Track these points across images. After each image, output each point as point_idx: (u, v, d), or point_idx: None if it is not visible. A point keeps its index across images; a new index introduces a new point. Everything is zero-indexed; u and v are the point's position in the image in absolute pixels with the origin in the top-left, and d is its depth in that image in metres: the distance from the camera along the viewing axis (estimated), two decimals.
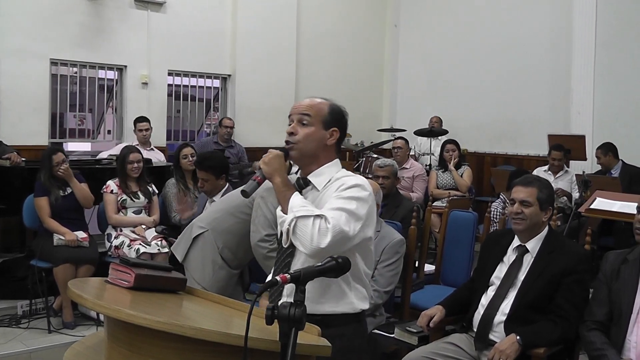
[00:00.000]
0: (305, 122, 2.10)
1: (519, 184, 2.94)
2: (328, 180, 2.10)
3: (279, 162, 2.06)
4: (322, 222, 1.91)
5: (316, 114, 2.11)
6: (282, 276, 1.58)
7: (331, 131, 2.12)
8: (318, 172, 2.12)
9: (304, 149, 2.09)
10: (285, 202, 2.00)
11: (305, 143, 2.09)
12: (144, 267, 2.03)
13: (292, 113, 2.14)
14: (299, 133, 2.09)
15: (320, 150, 2.11)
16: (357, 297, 2.10)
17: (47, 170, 4.73)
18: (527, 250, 2.91)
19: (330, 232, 1.90)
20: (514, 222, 2.91)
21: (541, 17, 7.73)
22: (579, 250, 2.90)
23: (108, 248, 4.90)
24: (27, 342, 4.30)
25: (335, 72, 8.89)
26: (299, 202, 1.98)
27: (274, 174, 2.04)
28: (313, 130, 2.09)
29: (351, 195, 2.00)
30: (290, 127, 2.11)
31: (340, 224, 1.92)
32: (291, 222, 1.94)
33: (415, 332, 3.09)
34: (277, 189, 2.04)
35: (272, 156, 2.06)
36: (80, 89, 7.03)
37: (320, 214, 1.93)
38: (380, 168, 4.70)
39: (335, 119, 2.14)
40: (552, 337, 2.72)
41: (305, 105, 2.13)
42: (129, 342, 1.70)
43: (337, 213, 1.94)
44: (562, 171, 6.27)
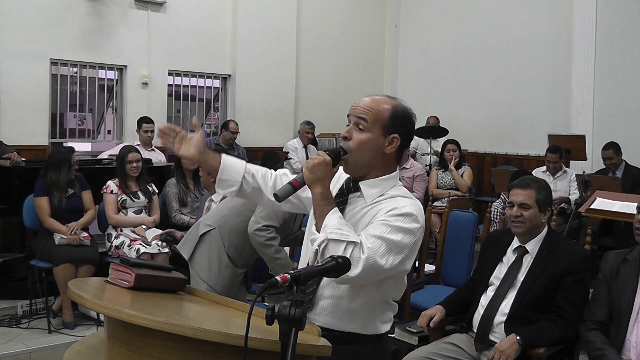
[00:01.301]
0: (362, 127, 1.86)
1: (516, 187, 2.92)
2: (380, 194, 1.89)
3: (324, 170, 1.82)
4: (356, 250, 1.74)
5: (375, 117, 1.86)
6: (282, 276, 1.57)
7: (391, 138, 1.88)
8: (372, 183, 1.90)
9: (358, 159, 1.87)
10: (321, 217, 1.80)
11: (359, 152, 1.86)
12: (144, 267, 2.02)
13: (351, 113, 1.91)
14: (354, 138, 1.86)
15: (377, 159, 1.89)
16: (382, 321, 1.99)
17: (66, 171, 4.73)
18: (527, 251, 2.91)
19: (361, 263, 1.73)
20: (513, 225, 2.91)
21: (541, 17, 7.74)
22: (578, 250, 2.90)
23: (108, 248, 4.90)
24: (27, 342, 4.30)
25: (335, 72, 8.90)
26: (335, 223, 1.77)
27: (315, 183, 1.82)
28: (369, 137, 1.86)
29: (400, 225, 1.80)
30: (346, 130, 1.89)
31: (375, 255, 1.75)
32: (322, 244, 1.76)
33: (415, 332, 3.09)
34: (316, 201, 1.82)
35: (318, 162, 1.82)
36: (80, 89, 7.03)
37: (356, 242, 1.75)
38: None
39: (397, 123, 1.89)
40: (552, 337, 2.72)
41: (364, 106, 1.88)
42: (129, 342, 1.70)
43: (377, 242, 1.76)
44: (561, 171, 6.26)
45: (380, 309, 1.96)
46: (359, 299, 1.91)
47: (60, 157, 4.78)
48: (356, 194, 1.92)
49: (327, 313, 1.94)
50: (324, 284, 1.94)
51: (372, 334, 1.97)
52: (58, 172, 4.71)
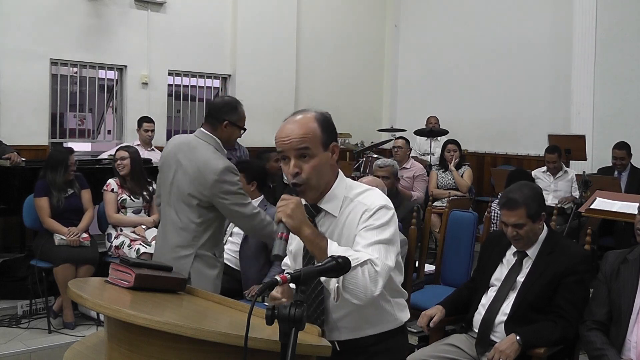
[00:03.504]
0: (307, 155, 1.86)
1: (504, 208, 2.87)
2: (342, 202, 1.93)
3: (301, 211, 1.82)
4: (370, 267, 1.77)
5: (313, 140, 1.86)
6: (282, 276, 1.57)
7: (332, 147, 1.92)
8: (329, 197, 1.94)
9: (317, 184, 1.89)
10: (322, 253, 1.78)
11: (316, 177, 1.88)
12: (144, 267, 2.03)
13: (285, 149, 1.87)
14: (305, 170, 1.86)
15: (329, 173, 1.93)
16: (399, 309, 2.04)
17: (63, 171, 4.73)
18: (527, 255, 2.91)
19: (380, 276, 1.78)
20: (513, 242, 2.92)
21: (541, 17, 7.74)
22: (579, 251, 2.90)
23: (108, 248, 4.90)
24: (27, 342, 4.30)
25: (335, 72, 8.90)
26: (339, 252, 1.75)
27: (301, 227, 1.80)
28: (318, 160, 1.87)
29: (381, 222, 1.86)
30: (292, 166, 1.86)
31: (385, 261, 1.81)
32: (339, 280, 1.75)
33: (415, 332, 3.10)
34: (309, 242, 1.81)
35: (294, 207, 1.80)
36: (80, 89, 7.03)
37: (366, 260, 1.77)
38: (380, 168, 4.70)
39: (329, 132, 1.92)
40: (552, 337, 2.72)
41: (297, 136, 1.85)
42: (129, 342, 1.70)
43: (377, 249, 1.82)
44: (562, 171, 6.26)
45: (392, 298, 2.01)
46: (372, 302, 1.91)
47: (59, 158, 4.78)
48: (321, 215, 1.96)
49: (349, 330, 1.98)
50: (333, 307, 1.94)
51: (396, 327, 2.04)
52: (55, 173, 4.72)
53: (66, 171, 4.75)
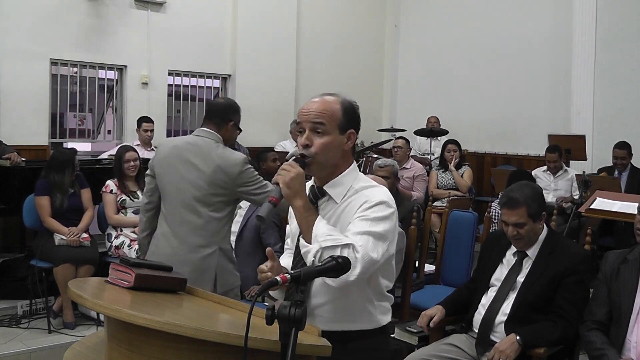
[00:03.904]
0: (320, 131, 1.89)
1: (505, 207, 2.88)
2: (347, 190, 1.94)
3: (300, 182, 1.85)
4: (351, 252, 1.78)
5: (330, 119, 1.91)
6: (282, 276, 1.57)
7: (348, 134, 1.95)
8: (335, 182, 1.95)
9: (324, 161, 1.91)
10: (308, 228, 1.83)
11: (324, 154, 1.90)
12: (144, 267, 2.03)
13: (303, 120, 1.92)
14: (315, 144, 1.89)
15: (339, 157, 1.94)
16: (381, 312, 2.03)
17: (70, 172, 4.74)
18: (527, 255, 2.91)
19: (359, 263, 1.78)
20: (513, 242, 2.92)
21: (541, 17, 7.74)
22: (579, 251, 2.90)
23: (108, 248, 4.90)
24: (27, 342, 4.30)
25: (335, 72, 8.88)
26: (325, 230, 1.81)
27: (295, 197, 1.84)
28: (330, 138, 1.90)
29: (377, 215, 1.86)
30: (304, 137, 1.90)
31: (368, 251, 1.80)
32: (317, 254, 1.79)
33: (415, 332, 3.09)
34: (299, 214, 1.86)
35: (294, 176, 1.83)
36: (80, 89, 7.03)
37: (348, 243, 1.79)
38: (380, 168, 4.70)
39: (350, 118, 1.95)
40: (552, 337, 2.72)
41: (316, 110, 1.91)
42: (129, 342, 1.70)
43: (364, 238, 1.82)
44: (562, 171, 6.26)
45: (376, 301, 2.00)
46: (352, 297, 1.92)
47: (64, 159, 4.79)
48: (324, 199, 1.97)
49: (325, 320, 1.95)
50: (315, 292, 1.96)
51: (375, 327, 2.01)
52: (62, 174, 4.71)
53: (72, 172, 4.76)
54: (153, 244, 3.26)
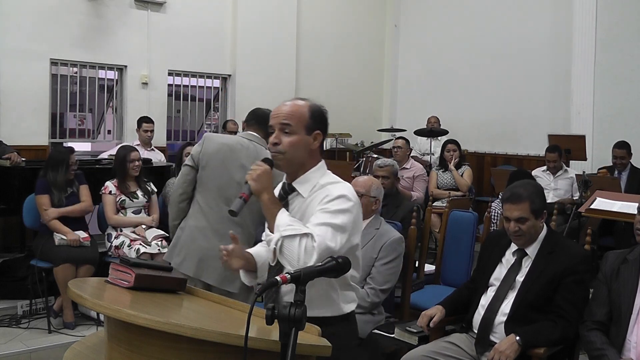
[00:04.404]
0: (288, 131, 2.07)
1: (508, 202, 2.87)
2: (313, 186, 2.10)
3: (267, 178, 2.03)
4: (309, 240, 1.93)
5: (298, 120, 2.09)
6: (282, 276, 1.58)
7: (314, 134, 2.12)
8: (303, 179, 2.12)
9: (291, 158, 2.08)
10: (272, 219, 2.00)
11: (291, 152, 2.07)
12: (144, 267, 2.03)
13: (273, 122, 2.10)
14: (283, 142, 2.07)
15: (306, 156, 2.11)
16: (345, 301, 2.16)
17: (64, 171, 4.74)
18: (527, 253, 2.91)
19: (316, 251, 1.92)
20: (514, 238, 2.91)
21: (541, 17, 7.73)
22: (579, 250, 2.90)
23: (108, 248, 4.90)
24: (27, 342, 4.30)
25: (336, 72, 8.89)
26: (286, 221, 1.98)
27: (262, 191, 2.03)
28: (297, 138, 2.08)
29: (336, 208, 2.01)
30: (273, 136, 2.09)
31: (326, 241, 1.94)
32: (278, 242, 1.94)
33: (415, 332, 3.09)
34: (265, 207, 2.03)
35: (261, 172, 2.03)
36: (80, 89, 7.03)
37: (307, 233, 1.94)
38: (380, 168, 4.70)
39: (317, 121, 2.13)
40: (552, 337, 2.72)
41: (285, 112, 2.10)
42: (129, 342, 1.70)
43: (323, 229, 1.96)
44: (562, 171, 6.26)
45: (340, 289, 2.13)
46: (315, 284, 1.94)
47: (59, 158, 4.79)
48: (294, 194, 2.14)
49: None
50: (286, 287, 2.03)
51: (338, 314, 2.14)
52: (56, 172, 4.72)
53: (67, 171, 4.76)
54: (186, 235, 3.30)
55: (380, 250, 3.36)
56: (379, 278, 3.32)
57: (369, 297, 3.29)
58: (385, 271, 3.34)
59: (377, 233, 3.42)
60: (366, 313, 3.30)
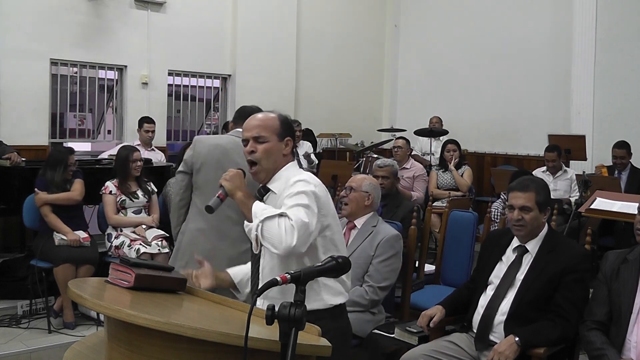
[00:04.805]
0: (262, 140, 2.23)
1: (515, 190, 2.89)
2: (285, 183, 2.21)
3: (239, 179, 2.20)
4: (286, 220, 2.02)
5: (270, 129, 2.25)
6: (282, 276, 1.58)
7: (286, 141, 2.27)
8: (275, 178, 2.26)
9: (267, 164, 2.24)
10: (248, 211, 2.11)
11: (267, 158, 2.23)
12: (144, 267, 2.03)
13: (246, 135, 2.26)
14: (259, 150, 2.23)
15: (280, 160, 2.27)
16: (329, 293, 2.19)
17: (62, 171, 4.74)
18: (527, 250, 2.90)
19: (295, 230, 2.01)
20: (515, 228, 2.90)
21: (541, 17, 7.74)
22: (579, 250, 2.90)
23: (108, 248, 4.90)
24: (27, 342, 4.30)
25: (336, 72, 8.90)
26: (261, 207, 2.10)
27: (235, 190, 2.17)
28: (271, 144, 2.24)
29: (298, 190, 2.12)
30: (249, 146, 2.24)
31: (300, 217, 2.03)
32: (258, 227, 2.04)
33: (415, 332, 3.09)
34: (240, 203, 2.16)
35: (233, 174, 2.20)
36: (80, 89, 7.03)
37: (282, 212, 2.05)
38: (380, 168, 4.70)
39: (286, 128, 2.29)
40: (552, 337, 2.72)
41: (256, 124, 2.26)
42: (129, 342, 1.70)
43: (294, 209, 2.06)
44: (561, 171, 6.25)
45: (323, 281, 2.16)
46: None
47: (58, 158, 4.80)
48: (268, 194, 2.27)
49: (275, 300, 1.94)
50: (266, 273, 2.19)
51: (321, 308, 2.16)
52: (54, 172, 4.73)
53: (65, 170, 4.76)
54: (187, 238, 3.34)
55: (377, 248, 3.35)
56: (376, 276, 3.32)
57: (367, 294, 3.29)
58: (382, 269, 3.34)
59: (374, 231, 3.42)
60: (366, 311, 3.30)
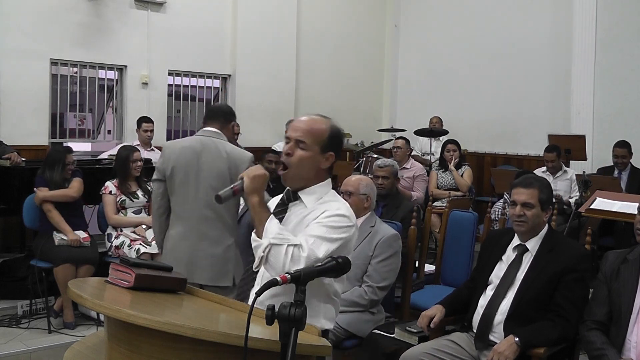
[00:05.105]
0: (302, 146, 2.08)
1: (519, 186, 2.92)
2: (318, 199, 2.12)
3: (262, 182, 2.05)
4: (296, 250, 1.93)
5: (315, 138, 2.09)
6: (282, 276, 1.58)
7: (327, 155, 2.12)
8: (310, 191, 2.13)
9: (297, 173, 2.10)
10: (260, 224, 2.00)
11: (299, 167, 2.09)
12: (144, 267, 2.02)
13: (291, 134, 2.11)
14: (295, 155, 2.08)
15: (312, 173, 2.12)
16: (326, 316, 2.14)
17: (60, 170, 4.74)
18: (527, 249, 2.91)
19: (303, 261, 1.92)
20: (516, 224, 2.90)
21: (541, 17, 7.73)
22: (578, 249, 2.90)
23: (108, 248, 4.90)
24: (27, 342, 4.30)
25: (336, 72, 8.89)
26: (276, 229, 1.98)
27: (253, 193, 2.03)
28: (309, 154, 2.09)
29: (333, 224, 2.02)
30: (288, 147, 2.10)
31: (316, 252, 1.94)
32: (266, 249, 1.95)
33: (415, 332, 3.09)
34: (253, 209, 2.03)
35: (259, 174, 2.05)
36: (80, 89, 7.03)
37: (296, 244, 1.94)
38: (380, 168, 4.71)
39: (333, 142, 2.13)
40: (552, 336, 2.72)
41: (303, 127, 2.10)
42: (129, 342, 1.70)
43: (317, 242, 1.98)
44: (561, 171, 6.25)
45: (324, 303, 2.13)
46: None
47: (56, 157, 4.80)
48: (295, 202, 2.15)
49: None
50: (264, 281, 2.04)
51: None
52: (53, 171, 4.73)
53: (63, 169, 4.76)
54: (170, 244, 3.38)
55: (375, 248, 3.36)
56: (375, 276, 3.33)
57: (367, 295, 3.29)
58: (381, 268, 3.34)
59: (372, 231, 3.42)
60: (365, 311, 3.30)
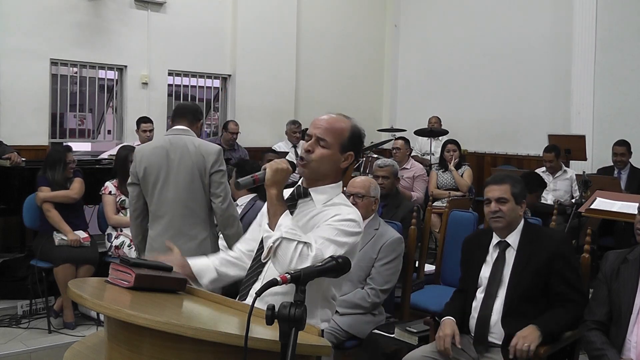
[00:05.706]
0: (323, 144, 2.11)
1: (491, 183, 2.98)
2: (327, 200, 2.14)
3: (284, 176, 2.06)
4: (305, 248, 1.95)
5: (336, 137, 2.12)
6: (282, 276, 1.58)
7: (347, 155, 2.16)
8: (321, 190, 2.15)
9: (317, 170, 2.13)
10: (274, 216, 2.02)
11: (319, 164, 2.12)
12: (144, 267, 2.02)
13: (313, 131, 2.14)
14: (316, 152, 2.11)
15: (332, 171, 2.16)
16: (322, 318, 2.15)
17: (62, 169, 4.74)
18: (509, 244, 2.93)
19: (310, 260, 1.93)
20: (493, 221, 2.95)
21: (541, 18, 7.74)
22: (558, 234, 3.00)
23: (108, 248, 4.90)
24: (27, 342, 4.31)
25: (336, 72, 8.90)
26: (289, 224, 1.99)
27: (273, 185, 2.04)
28: (329, 152, 2.12)
29: (344, 229, 2.04)
30: (308, 144, 2.13)
31: (324, 255, 1.94)
32: (276, 241, 1.96)
33: (415, 332, 3.09)
34: (271, 201, 2.05)
35: (282, 168, 2.05)
36: (80, 89, 7.03)
37: (307, 242, 1.96)
38: (380, 168, 4.71)
39: (354, 142, 2.16)
40: (568, 320, 2.77)
41: (324, 125, 2.13)
42: (129, 342, 1.70)
43: (326, 243, 2.00)
44: (561, 171, 6.25)
45: (321, 305, 2.14)
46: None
47: (56, 157, 4.81)
48: (305, 200, 2.17)
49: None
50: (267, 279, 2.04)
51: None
52: (54, 171, 4.74)
53: (65, 168, 4.76)
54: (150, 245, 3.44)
55: (379, 251, 3.36)
56: (379, 279, 3.33)
57: (369, 297, 3.29)
58: (385, 271, 3.35)
59: (377, 233, 3.42)
60: (367, 313, 3.31)
